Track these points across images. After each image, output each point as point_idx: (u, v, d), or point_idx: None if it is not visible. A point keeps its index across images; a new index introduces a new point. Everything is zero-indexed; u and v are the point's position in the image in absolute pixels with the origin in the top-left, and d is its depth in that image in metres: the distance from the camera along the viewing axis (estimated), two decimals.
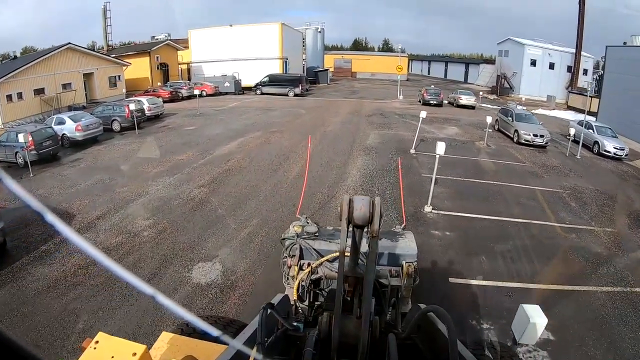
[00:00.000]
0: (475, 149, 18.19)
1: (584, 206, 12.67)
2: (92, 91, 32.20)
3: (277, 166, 14.30)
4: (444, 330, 1.95)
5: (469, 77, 59.59)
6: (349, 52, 75.18)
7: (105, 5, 56.24)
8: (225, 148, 16.77)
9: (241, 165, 14.39)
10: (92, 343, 2.00)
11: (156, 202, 11.51)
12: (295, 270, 3.99)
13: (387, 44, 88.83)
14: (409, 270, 3.90)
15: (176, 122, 23.45)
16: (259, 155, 15.69)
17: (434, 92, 31.73)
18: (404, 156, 15.50)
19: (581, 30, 40.76)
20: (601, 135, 20.44)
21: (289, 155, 15.54)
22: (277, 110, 27.02)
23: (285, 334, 2.33)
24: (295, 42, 47.48)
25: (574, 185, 14.63)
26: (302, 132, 19.66)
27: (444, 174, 13.65)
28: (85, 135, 18.41)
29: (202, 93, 36.36)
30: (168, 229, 9.87)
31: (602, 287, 8.15)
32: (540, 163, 17.05)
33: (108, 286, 7.40)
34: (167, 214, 10.69)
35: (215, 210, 10.83)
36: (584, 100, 35.95)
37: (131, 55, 40.31)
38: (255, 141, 17.86)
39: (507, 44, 47.15)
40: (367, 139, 18.63)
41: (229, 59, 41.78)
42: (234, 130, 20.01)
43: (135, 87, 36.70)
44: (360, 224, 1.97)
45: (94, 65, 32.16)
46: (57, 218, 0.73)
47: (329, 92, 41.40)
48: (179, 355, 2.38)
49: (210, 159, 15.37)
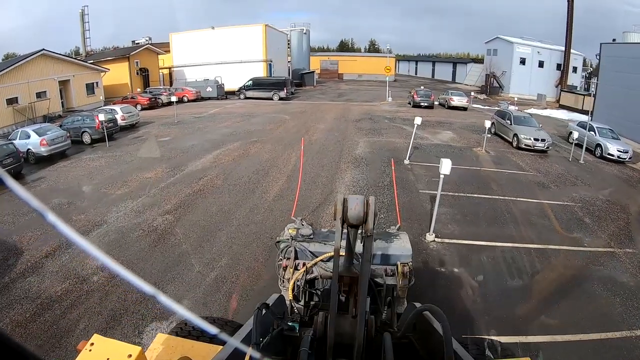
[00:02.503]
0: (474, 156, 16.51)
1: (598, 222, 11.15)
2: (68, 99, 30.33)
3: (254, 184, 12.40)
4: (439, 329, 1.93)
5: (457, 76, 58.31)
6: (336, 53, 73.30)
7: (84, 9, 53.81)
8: (199, 163, 14.82)
9: (214, 185, 12.46)
10: (88, 345, 2.01)
11: (113, 235, 9.57)
12: (290, 272, 3.92)
13: (374, 45, 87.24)
14: (404, 270, 3.82)
15: (151, 132, 21.39)
16: (236, 171, 13.76)
17: (425, 93, 29.99)
18: (397, 168, 13.72)
19: (570, 28, 39.59)
20: (603, 137, 19.01)
21: (269, 171, 13.65)
22: (260, 117, 25.07)
23: (281, 334, 2.31)
24: (280, 44, 45.53)
25: (584, 196, 13.10)
26: (285, 141, 17.79)
27: (444, 189, 11.92)
28: (51, 150, 16.32)
29: (183, 99, 34.39)
30: (119, 275, 7.92)
31: (636, 331, 6.62)
32: (544, 171, 15.46)
33: None
34: (124, 251, 8.77)
35: (179, 246, 8.92)
36: (576, 98, 34.76)
37: (109, 61, 38.19)
38: (233, 154, 15.92)
39: (496, 43, 45.81)
40: (356, 148, 16.79)
41: (211, 63, 40.01)
42: (210, 141, 18.04)
43: (114, 94, 34.67)
44: (355, 223, 1.93)
45: (70, 71, 30.21)
46: None
47: (315, 95, 39.58)
48: (174, 356, 2.34)
49: (181, 176, 13.42)
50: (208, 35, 41.13)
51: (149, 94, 33.03)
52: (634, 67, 24.71)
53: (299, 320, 2.62)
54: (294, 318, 2.99)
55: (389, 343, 2.01)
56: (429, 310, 2.09)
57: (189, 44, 41.44)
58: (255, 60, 39.86)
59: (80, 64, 32.48)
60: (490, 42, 46.89)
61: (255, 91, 35.49)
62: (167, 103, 32.05)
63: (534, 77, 42.02)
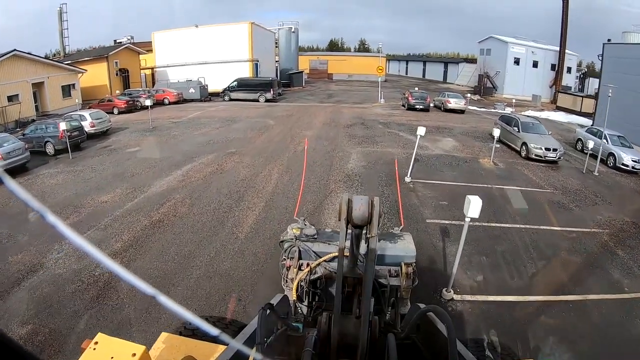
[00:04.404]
0: (482, 169, 14.33)
1: (632, 254, 9.22)
2: (43, 102, 27.78)
3: (225, 213, 10.00)
4: (443, 330, 1.89)
5: (448, 76, 56.34)
6: (325, 52, 70.75)
7: (62, 7, 50.61)
8: (164, 182, 12.39)
9: (178, 214, 10.06)
10: (92, 344, 1.97)
11: (47, 287, 7.22)
12: (294, 272, 3.81)
13: (364, 44, 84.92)
14: (407, 271, 3.72)
15: (122, 140, 18.82)
16: (205, 193, 11.35)
17: (420, 95, 27.62)
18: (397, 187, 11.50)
19: (565, 28, 37.78)
20: (616, 146, 17.04)
21: (244, 194, 11.26)
22: (242, 122, 22.56)
23: (285, 334, 2.29)
24: (267, 43, 42.96)
25: (609, 218, 11.18)
26: (267, 153, 15.41)
27: (455, 216, 9.76)
28: (7, 165, 13.72)
29: (164, 101, 31.81)
30: (46, 347, 5.68)
31: None
32: (560, 186, 13.39)
33: None
34: (53, 316, 6.43)
35: (120, 310, 6.57)
36: (574, 100, 32.91)
37: (87, 61, 35.46)
38: (206, 169, 13.48)
39: (489, 42, 43.82)
40: (348, 161, 14.46)
41: (195, 63, 37.52)
42: (183, 153, 15.58)
43: (92, 96, 32.01)
44: (359, 224, 1.93)
45: (45, 73, 27.65)
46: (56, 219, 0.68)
47: (304, 96, 37.16)
48: (178, 355, 2.30)
49: (142, 201, 11.01)
50: (192, 34, 38.56)
51: (127, 96, 30.28)
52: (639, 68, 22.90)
53: (303, 321, 2.67)
54: (297, 318, 3.10)
55: (392, 344, 1.97)
56: (433, 312, 2.03)
57: (172, 43, 38.87)
58: (241, 60, 37.34)
59: (56, 65, 29.90)
60: (484, 42, 44.87)
61: (240, 92, 33.01)
62: (146, 106, 29.50)
63: (528, 78, 40.19)
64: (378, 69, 32.62)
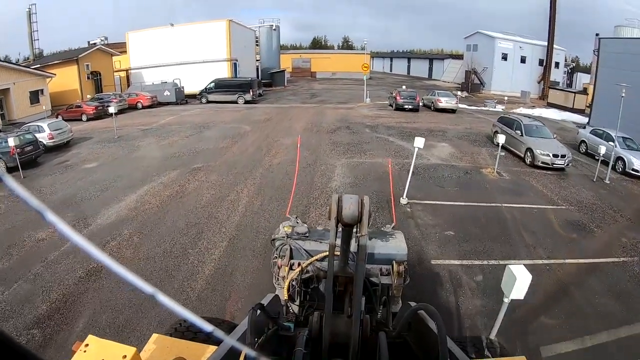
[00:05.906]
0: (486, 182, 12.34)
1: None
2: (9, 110, 25.45)
3: (179, 257, 7.74)
4: (434, 328, 1.84)
5: (434, 73, 54.60)
6: (308, 50, 68.25)
7: (31, 8, 47.27)
8: (113, 211, 10.06)
9: (121, 258, 7.78)
10: (82, 346, 1.91)
11: None
12: (286, 271, 3.69)
13: (347, 42, 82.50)
14: (399, 270, 3.60)
15: (81, 154, 16.32)
16: (158, 227, 9.06)
17: (409, 94, 25.54)
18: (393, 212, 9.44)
19: (553, 22, 36.22)
20: (623, 149, 15.31)
21: (206, 226, 9.01)
22: (215, 128, 20.17)
23: (276, 334, 2.21)
24: (247, 42, 40.43)
25: (634, 241, 9.36)
26: (237, 169, 13.12)
27: (466, 254, 7.77)
28: None
29: (137, 105, 29.29)
30: None
31: None
32: (574, 200, 11.53)
33: None
34: None
35: None
36: (566, 96, 31.33)
37: (56, 65, 32.75)
38: (164, 192, 11.17)
39: (476, 38, 42.06)
40: (331, 176, 12.29)
41: (171, 64, 35.01)
42: (143, 170, 13.22)
43: (62, 102, 29.48)
44: (350, 223, 1.86)
45: (11, 79, 25.26)
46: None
47: (286, 96, 34.85)
48: (169, 357, 2.18)
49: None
50: (167, 34, 35.96)
51: (97, 101, 27.61)
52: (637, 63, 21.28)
53: (294, 320, 2.58)
54: (289, 318, 2.95)
55: (384, 342, 1.95)
56: (424, 310, 1.98)
57: (147, 44, 36.29)
58: (219, 59, 34.88)
59: (23, 70, 27.40)
60: (470, 37, 43.11)
61: (218, 94, 30.62)
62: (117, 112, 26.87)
63: (516, 73, 38.61)
64: (363, 66, 30.52)
